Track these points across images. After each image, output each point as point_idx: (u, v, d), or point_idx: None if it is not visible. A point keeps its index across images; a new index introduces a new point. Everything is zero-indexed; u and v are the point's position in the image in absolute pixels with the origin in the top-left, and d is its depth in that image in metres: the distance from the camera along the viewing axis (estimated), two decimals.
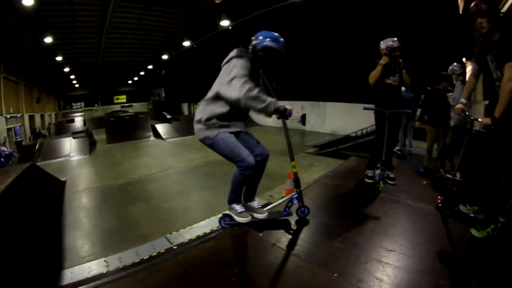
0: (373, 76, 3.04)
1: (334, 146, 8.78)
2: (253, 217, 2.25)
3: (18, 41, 16.46)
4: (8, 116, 15.22)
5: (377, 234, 2.17)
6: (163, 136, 14.39)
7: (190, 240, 4.16)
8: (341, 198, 3.03)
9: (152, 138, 14.70)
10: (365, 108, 3.23)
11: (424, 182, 3.33)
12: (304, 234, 2.24)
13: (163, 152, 11.85)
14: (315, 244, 2.14)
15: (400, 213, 2.52)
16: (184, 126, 15.44)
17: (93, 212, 5.91)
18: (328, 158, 8.33)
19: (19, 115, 17.28)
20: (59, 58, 21.23)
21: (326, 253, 1.96)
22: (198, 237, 4.19)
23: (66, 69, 25.58)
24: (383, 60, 3.02)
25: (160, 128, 15.17)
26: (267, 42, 2.04)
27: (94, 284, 2.69)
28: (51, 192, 6.61)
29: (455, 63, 4.10)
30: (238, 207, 2.25)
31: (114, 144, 13.44)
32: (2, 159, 11.96)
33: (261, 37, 2.07)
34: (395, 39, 3.01)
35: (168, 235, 4.64)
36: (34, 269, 3.58)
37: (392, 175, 3.27)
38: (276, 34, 2.10)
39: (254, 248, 2.14)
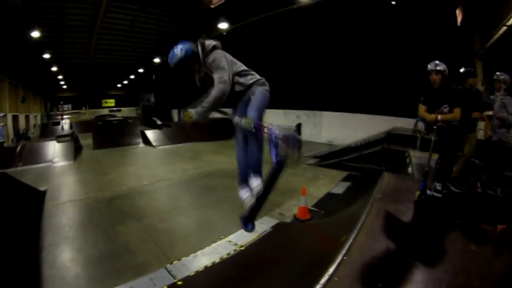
0: None
1: (336, 158, 8.42)
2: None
3: (5, 36, 15.60)
4: None
5: None
6: (153, 143, 13.81)
7: (197, 273, 3.66)
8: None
9: (142, 145, 14.09)
10: None
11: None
12: None
13: (153, 160, 11.31)
14: None
15: None
16: (176, 133, 14.94)
17: (76, 232, 5.17)
18: (331, 170, 7.94)
19: (1, 114, 16.38)
20: (46, 56, 20.32)
21: None
22: (206, 268, 3.71)
23: (54, 68, 24.61)
24: None
25: (150, 134, 14.55)
26: None
27: None
28: (27, 206, 5.89)
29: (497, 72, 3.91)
30: None
31: (101, 150, 12.85)
32: None
33: None
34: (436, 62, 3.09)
35: (168, 265, 3.96)
36: None
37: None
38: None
39: None
